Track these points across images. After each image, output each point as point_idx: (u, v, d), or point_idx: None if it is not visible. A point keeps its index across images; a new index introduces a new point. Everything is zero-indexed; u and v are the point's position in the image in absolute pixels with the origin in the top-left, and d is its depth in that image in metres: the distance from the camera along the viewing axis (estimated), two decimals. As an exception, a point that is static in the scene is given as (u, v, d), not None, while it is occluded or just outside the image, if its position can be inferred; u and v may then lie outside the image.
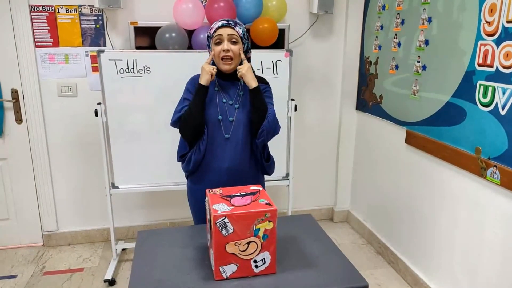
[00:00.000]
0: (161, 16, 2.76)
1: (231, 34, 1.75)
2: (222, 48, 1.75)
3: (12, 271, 2.73)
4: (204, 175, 1.87)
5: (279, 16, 2.84)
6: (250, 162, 1.89)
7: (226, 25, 1.76)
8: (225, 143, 1.81)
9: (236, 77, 1.82)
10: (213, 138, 1.82)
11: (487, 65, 1.86)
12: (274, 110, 1.84)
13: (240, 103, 1.83)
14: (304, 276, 1.38)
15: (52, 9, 2.68)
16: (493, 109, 1.85)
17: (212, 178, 1.85)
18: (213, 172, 1.85)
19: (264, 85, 1.88)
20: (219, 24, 1.76)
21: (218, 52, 1.76)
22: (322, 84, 3.23)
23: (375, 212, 3.03)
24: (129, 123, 2.54)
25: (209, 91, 1.80)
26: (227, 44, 1.75)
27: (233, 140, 1.81)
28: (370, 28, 2.95)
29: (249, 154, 1.87)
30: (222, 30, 1.75)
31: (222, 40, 1.75)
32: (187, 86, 1.88)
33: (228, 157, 1.82)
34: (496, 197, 1.88)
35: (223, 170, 1.83)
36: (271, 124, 1.78)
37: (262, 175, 1.99)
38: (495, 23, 1.81)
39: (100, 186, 2.93)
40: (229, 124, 1.81)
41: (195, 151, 1.86)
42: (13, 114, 2.80)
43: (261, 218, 1.32)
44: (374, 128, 2.99)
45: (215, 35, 1.76)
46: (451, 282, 2.21)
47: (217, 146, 1.82)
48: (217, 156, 1.83)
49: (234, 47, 1.76)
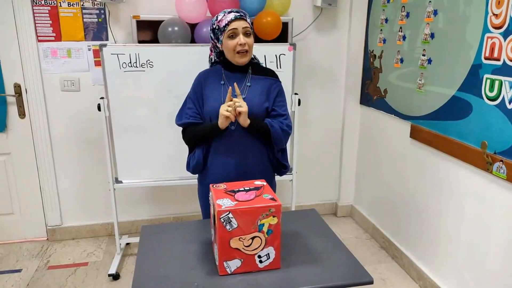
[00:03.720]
0: (164, 10, 2.74)
1: (246, 26, 1.72)
2: (238, 42, 1.71)
3: (17, 265, 2.74)
4: (212, 170, 1.85)
5: (283, 10, 2.81)
6: (259, 156, 1.84)
7: (239, 18, 1.71)
8: (231, 136, 1.77)
9: (244, 68, 1.80)
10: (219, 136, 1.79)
11: (494, 58, 1.84)
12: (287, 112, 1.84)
13: (247, 94, 1.80)
14: (309, 272, 1.37)
15: (54, 3, 2.66)
16: (499, 103, 1.82)
17: (220, 172, 1.82)
18: (221, 166, 1.82)
19: (276, 81, 1.86)
20: (232, 17, 1.70)
21: (234, 46, 1.71)
22: (326, 78, 3.20)
23: (379, 206, 3.02)
24: (132, 117, 2.54)
25: (214, 86, 1.79)
26: (243, 38, 1.71)
27: (240, 131, 1.76)
28: (375, 21, 2.92)
29: (257, 147, 1.82)
30: (236, 24, 1.70)
31: (237, 34, 1.71)
32: (193, 83, 1.86)
33: (235, 150, 1.79)
34: (502, 192, 1.87)
35: (230, 165, 1.80)
36: (278, 132, 1.77)
37: (272, 171, 1.94)
38: (502, 16, 1.78)
39: (103, 180, 2.93)
40: None
41: (192, 156, 1.86)
42: (16, 109, 2.80)
43: (266, 213, 1.31)
44: (378, 122, 2.97)
45: (229, 28, 1.70)
46: (456, 277, 2.21)
47: (223, 140, 1.79)
48: (223, 150, 1.80)
49: (249, 39, 1.73)
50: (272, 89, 1.83)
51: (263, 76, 1.84)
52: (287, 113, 1.85)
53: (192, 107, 1.82)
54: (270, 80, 1.84)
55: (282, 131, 1.78)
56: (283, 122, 1.80)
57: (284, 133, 1.79)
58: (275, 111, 1.82)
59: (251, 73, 1.82)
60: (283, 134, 1.79)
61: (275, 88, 1.84)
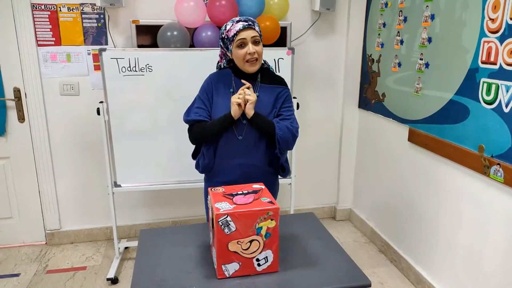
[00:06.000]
0: (163, 15, 2.76)
1: (254, 36, 1.72)
2: (247, 51, 1.71)
3: (15, 269, 2.74)
4: (218, 173, 1.87)
5: (281, 14, 2.83)
6: (264, 161, 1.86)
7: (247, 27, 1.71)
8: (238, 144, 1.80)
9: (253, 76, 1.81)
10: (226, 139, 1.80)
11: (491, 62, 1.85)
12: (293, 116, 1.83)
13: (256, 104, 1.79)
14: (307, 275, 1.38)
15: (54, 7, 2.68)
16: (496, 107, 1.84)
17: (225, 176, 1.85)
18: (226, 170, 1.84)
19: (284, 89, 1.86)
20: (240, 27, 1.71)
21: (243, 55, 1.72)
22: (324, 82, 3.21)
23: (378, 210, 3.02)
24: (131, 121, 2.54)
25: (223, 93, 1.80)
26: (252, 47, 1.72)
27: (246, 141, 1.79)
28: (373, 26, 2.94)
29: (263, 153, 1.84)
30: (245, 33, 1.71)
31: (246, 43, 1.72)
32: (203, 85, 1.87)
33: (240, 157, 1.81)
34: (500, 195, 1.87)
35: (236, 169, 1.82)
36: (284, 131, 1.76)
37: (276, 175, 1.95)
38: (498, 20, 1.79)
39: (102, 184, 2.93)
40: (243, 126, 1.78)
41: (201, 156, 1.87)
42: (15, 113, 2.80)
43: (264, 216, 1.32)
44: (376, 126, 2.98)
45: (238, 38, 1.71)
46: (454, 280, 2.21)
47: (230, 146, 1.81)
48: (229, 156, 1.82)
49: (258, 48, 1.74)
50: (279, 96, 1.84)
51: (272, 85, 1.85)
52: (294, 117, 1.85)
53: (202, 107, 1.82)
54: (278, 88, 1.85)
55: (288, 129, 1.77)
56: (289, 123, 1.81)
57: (290, 132, 1.78)
58: (281, 115, 1.83)
59: (260, 82, 1.83)
60: (289, 132, 1.77)
61: (283, 95, 1.84)
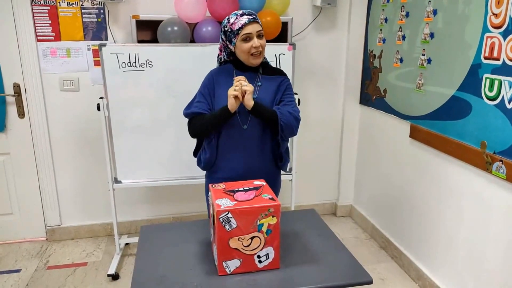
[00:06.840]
0: (163, 10, 2.74)
1: (259, 30, 1.75)
2: (253, 45, 1.73)
3: (16, 265, 2.74)
4: (219, 169, 1.87)
5: (282, 9, 2.81)
6: (268, 156, 1.87)
7: (252, 21, 1.73)
8: (242, 135, 1.80)
9: (254, 68, 1.83)
10: (229, 130, 1.80)
11: (494, 58, 1.83)
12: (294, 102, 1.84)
13: (258, 93, 1.82)
14: (308, 271, 1.37)
15: (54, 2, 2.66)
16: (499, 103, 1.82)
17: (228, 170, 1.84)
18: (228, 166, 1.84)
19: (284, 78, 1.88)
20: (246, 20, 1.72)
21: (249, 48, 1.74)
22: (325, 78, 3.20)
23: (379, 206, 3.02)
24: (132, 117, 2.53)
25: (225, 85, 1.79)
26: (257, 41, 1.74)
27: (251, 131, 1.80)
28: (374, 21, 2.92)
29: (268, 147, 1.85)
30: (250, 28, 1.72)
31: (252, 37, 1.73)
32: (204, 80, 1.87)
33: (244, 149, 1.81)
34: (502, 192, 1.86)
35: (239, 161, 1.82)
36: (286, 117, 1.76)
37: (279, 170, 1.97)
38: (502, 15, 1.78)
39: (103, 180, 2.93)
40: (247, 115, 1.78)
41: (203, 151, 1.87)
42: (15, 109, 2.79)
43: (265, 213, 1.31)
44: (378, 122, 2.97)
45: (244, 33, 1.72)
46: (455, 277, 2.20)
47: (234, 139, 1.81)
48: (233, 148, 1.82)
49: (262, 41, 1.76)
50: (281, 85, 1.87)
51: (273, 75, 1.88)
52: (294, 103, 1.86)
53: (203, 101, 1.82)
54: (279, 78, 1.88)
55: (289, 113, 1.78)
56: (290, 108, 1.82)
57: (292, 116, 1.78)
58: (283, 101, 1.85)
59: (261, 73, 1.85)
60: (291, 116, 1.78)
61: (284, 83, 1.87)
